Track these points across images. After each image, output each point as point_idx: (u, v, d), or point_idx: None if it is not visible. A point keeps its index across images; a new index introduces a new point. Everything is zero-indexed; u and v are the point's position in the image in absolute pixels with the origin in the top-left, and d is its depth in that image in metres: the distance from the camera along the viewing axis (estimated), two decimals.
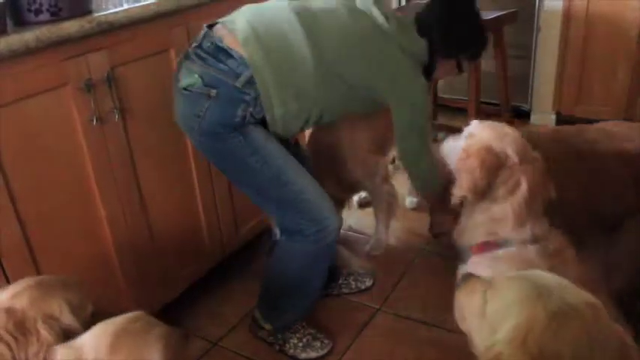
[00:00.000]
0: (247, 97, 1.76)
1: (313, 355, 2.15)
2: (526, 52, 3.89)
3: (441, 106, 4.05)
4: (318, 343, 2.17)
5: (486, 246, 1.61)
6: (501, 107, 3.59)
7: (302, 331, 2.20)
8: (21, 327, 1.28)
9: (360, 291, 2.51)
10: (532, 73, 3.93)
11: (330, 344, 2.19)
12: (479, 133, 1.65)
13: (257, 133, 1.83)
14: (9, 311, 1.29)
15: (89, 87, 1.80)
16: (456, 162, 1.65)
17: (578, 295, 1.05)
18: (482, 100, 3.42)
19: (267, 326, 2.19)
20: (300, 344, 2.17)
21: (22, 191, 1.71)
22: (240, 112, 1.77)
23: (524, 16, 3.60)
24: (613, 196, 1.95)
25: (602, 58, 3.57)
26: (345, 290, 2.51)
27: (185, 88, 1.78)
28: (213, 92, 1.75)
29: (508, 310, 1.05)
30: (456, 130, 3.58)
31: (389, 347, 2.20)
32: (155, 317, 1.30)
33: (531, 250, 1.51)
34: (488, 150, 1.56)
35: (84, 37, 1.77)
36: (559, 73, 3.78)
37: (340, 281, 2.52)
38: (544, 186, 1.58)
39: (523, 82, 3.97)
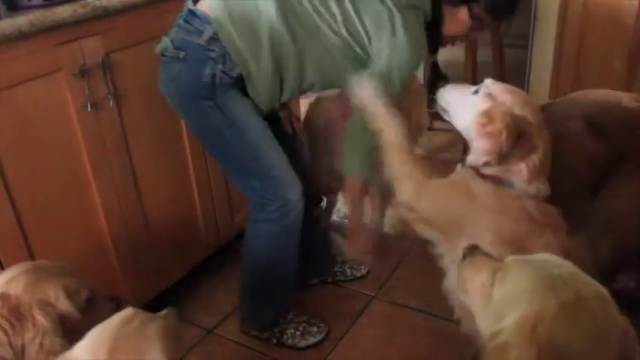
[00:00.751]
0: (213, 54, 1.73)
1: (312, 340, 2.16)
2: (523, 41, 3.88)
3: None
4: (314, 329, 2.18)
5: (494, 178, 1.58)
6: None
7: (296, 319, 2.21)
8: (16, 313, 1.27)
9: (356, 278, 2.51)
10: (529, 62, 3.92)
11: (327, 328, 2.20)
12: (499, 95, 1.58)
13: (236, 106, 1.81)
14: (3, 297, 1.28)
15: (83, 72, 1.79)
16: (477, 125, 1.56)
17: (589, 286, 1.04)
18: None
19: (253, 332, 2.21)
20: (298, 332, 2.17)
21: (17, 179, 1.70)
22: (208, 71, 1.74)
23: (522, 5, 3.57)
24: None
25: (598, 48, 3.56)
26: (340, 278, 2.51)
27: (162, 54, 1.80)
28: (182, 54, 1.75)
29: (518, 298, 1.04)
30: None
31: (385, 335, 2.20)
32: (150, 306, 1.30)
33: (528, 203, 1.52)
34: (513, 115, 1.52)
35: (78, 22, 1.75)
36: (556, 62, 3.76)
37: (335, 269, 2.52)
38: (549, 160, 1.58)
39: (520, 71, 3.96)
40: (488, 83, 1.65)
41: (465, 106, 1.65)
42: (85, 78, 1.79)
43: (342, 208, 2.93)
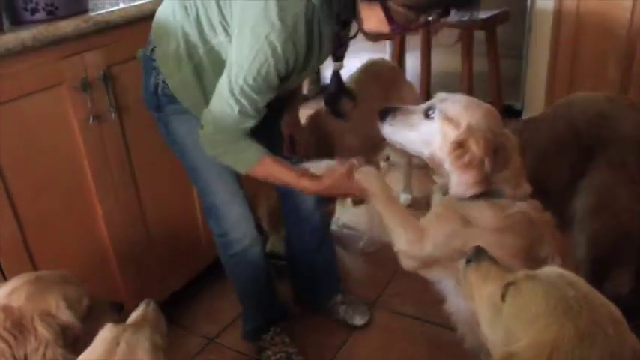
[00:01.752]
0: (155, 64, 1.73)
1: None
2: (517, 52, 3.92)
3: None
4: None
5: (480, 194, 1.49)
6: (493, 105, 3.61)
7: (279, 346, 2.16)
8: (19, 325, 1.29)
9: (347, 325, 2.32)
10: (524, 72, 3.97)
11: None
12: (457, 115, 1.46)
13: (180, 125, 1.78)
14: (6, 309, 1.30)
15: (85, 86, 1.82)
16: (453, 159, 1.43)
17: (604, 308, 1.02)
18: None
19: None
20: (272, 358, 2.13)
21: (20, 190, 1.72)
22: (152, 81, 1.74)
23: (516, 16, 3.63)
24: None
25: (592, 57, 3.60)
26: (333, 315, 2.35)
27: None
28: (142, 64, 1.80)
29: (533, 321, 1.01)
30: None
31: (383, 343, 2.22)
32: None
33: (520, 206, 1.46)
34: (486, 138, 1.42)
35: (80, 36, 1.79)
36: (550, 72, 3.80)
37: (331, 304, 2.35)
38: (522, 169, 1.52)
39: (515, 82, 4.00)
40: (439, 102, 1.52)
41: (423, 135, 1.54)
42: (87, 91, 1.82)
43: (340, 217, 2.96)
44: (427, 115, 1.52)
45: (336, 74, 1.67)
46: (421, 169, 3.45)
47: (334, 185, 1.61)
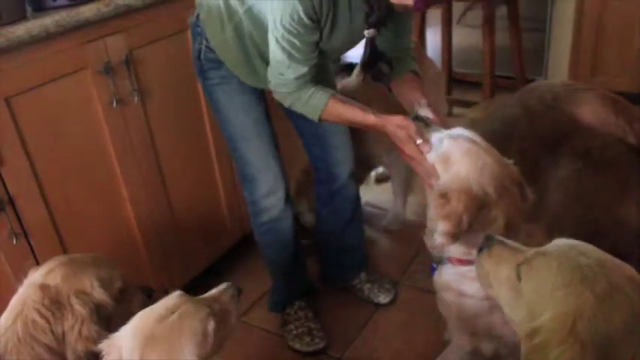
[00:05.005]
0: (199, 29, 1.82)
1: (297, 346, 2.16)
2: (540, 25, 3.86)
3: (455, 81, 4.04)
4: (307, 339, 2.16)
5: (467, 262, 1.49)
6: (516, 80, 3.57)
7: (302, 321, 2.20)
8: (56, 302, 1.34)
9: (372, 303, 2.35)
10: (547, 45, 3.90)
11: (321, 344, 2.14)
12: (456, 161, 1.44)
13: (220, 95, 1.89)
14: (43, 287, 1.35)
15: (108, 70, 1.83)
16: (435, 207, 1.43)
17: (619, 269, 1.03)
18: (497, 73, 3.41)
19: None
20: (294, 332, 2.18)
21: (47, 174, 1.75)
22: (197, 46, 1.84)
23: None
24: None
25: (617, 29, 3.53)
26: (357, 293, 2.38)
27: None
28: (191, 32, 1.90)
29: (551, 295, 1.02)
30: (471, 106, 3.59)
31: (408, 320, 2.23)
32: None
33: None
34: (470, 194, 1.39)
35: (102, 21, 1.80)
36: (574, 45, 3.74)
37: (356, 282, 2.38)
38: (519, 212, 1.45)
39: (538, 55, 3.94)
40: (448, 138, 1.49)
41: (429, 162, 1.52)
42: (109, 75, 1.84)
43: (364, 195, 2.96)
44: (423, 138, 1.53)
45: (371, 41, 1.68)
46: None
47: (396, 132, 1.59)
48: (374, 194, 3.08)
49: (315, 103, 1.68)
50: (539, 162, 1.96)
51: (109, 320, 1.42)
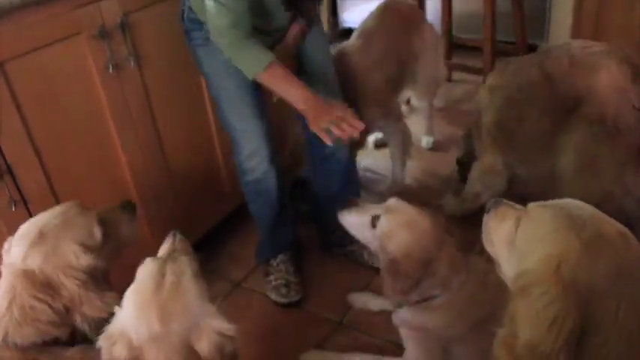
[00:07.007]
0: None
1: (273, 297, 2.24)
2: None
3: (456, 45, 4.00)
4: (284, 290, 2.23)
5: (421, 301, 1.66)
6: (517, 45, 3.54)
7: (282, 274, 2.27)
8: (46, 285, 1.30)
9: (371, 267, 2.32)
10: (548, 9, 3.85)
11: (296, 297, 2.22)
12: (398, 234, 1.61)
13: (202, 55, 1.93)
14: (28, 275, 1.30)
15: (103, 34, 1.81)
16: (384, 268, 1.65)
17: (611, 225, 1.04)
18: (498, 38, 3.37)
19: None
20: (273, 283, 2.25)
21: (45, 141, 1.75)
22: (183, 8, 1.89)
23: None
24: None
25: None
26: (357, 258, 2.39)
27: None
28: None
29: (540, 240, 1.05)
30: (471, 71, 3.55)
31: None
32: None
33: (461, 296, 1.60)
34: (414, 257, 1.57)
35: None
36: (576, 9, 3.69)
37: (355, 246, 2.32)
38: (458, 253, 1.63)
39: (539, 20, 3.89)
40: (385, 213, 1.67)
41: (367, 239, 1.73)
42: (105, 39, 1.82)
43: (362, 160, 2.96)
44: (373, 225, 1.67)
45: None
46: (442, 111, 3.43)
47: (319, 110, 1.74)
48: (373, 160, 3.07)
49: (254, 62, 1.75)
50: (557, 126, 1.98)
51: (106, 273, 1.45)
